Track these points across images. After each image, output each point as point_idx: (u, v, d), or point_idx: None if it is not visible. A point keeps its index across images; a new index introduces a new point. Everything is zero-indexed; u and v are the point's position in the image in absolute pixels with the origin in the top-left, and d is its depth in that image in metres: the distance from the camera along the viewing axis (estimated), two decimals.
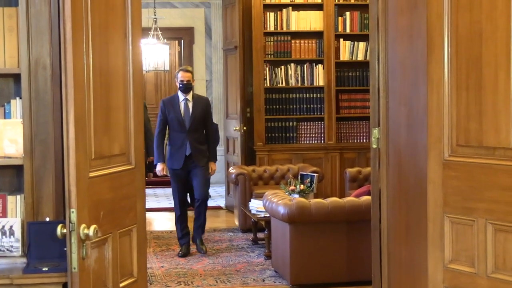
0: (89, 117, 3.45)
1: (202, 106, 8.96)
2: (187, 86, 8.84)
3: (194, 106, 8.88)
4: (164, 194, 14.20)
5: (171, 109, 8.85)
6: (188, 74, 8.88)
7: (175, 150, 8.86)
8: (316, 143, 11.13)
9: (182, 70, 9.02)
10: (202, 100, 9.21)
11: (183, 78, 8.82)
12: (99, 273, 3.56)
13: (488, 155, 3.74)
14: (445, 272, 4.00)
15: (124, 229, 3.81)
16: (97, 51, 3.51)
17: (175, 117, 8.82)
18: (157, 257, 8.84)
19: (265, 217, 8.42)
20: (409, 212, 4.64)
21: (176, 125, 8.84)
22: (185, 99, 8.88)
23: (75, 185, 3.27)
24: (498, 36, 3.64)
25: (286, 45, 10.89)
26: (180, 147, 8.80)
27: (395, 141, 4.86)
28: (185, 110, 8.84)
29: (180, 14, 15.85)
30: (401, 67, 4.79)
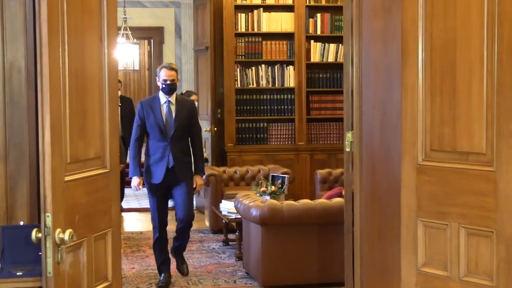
0: (65, 121, 3.43)
1: (187, 110, 7.61)
2: (172, 87, 7.46)
3: (178, 110, 7.49)
4: (133, 194, 14.14)
5: (150, 113, 7.44)
6: (172, 72, 7.52)
7: (155, 162, 7.42)
8: (287, 144, 11.16)
9: (165, 67, 7.57)
10: (187, 102, 7.85)
11: (167, 77, 7.43)
12: (74, 278, 3.55)
13: (461, 160, 3.77)
14: (418, 276, 4.02)
15: (99, 233, 3.79)
16: (73, 55, 3.49)
17: (155, 123, 7.41)
18: (127, 258, 8.80)
19: (236, 219, 8.42)
20: (382, 215, 4.67)
21: (156, 132, 7.44)
22: (167, 101, 7.46)
23: (50, 190, 3.26)
24: (472, 43, 3.67)
25: (257, 46, 10.91)
26: (160, 158, 7.40)
27: (368, 145, 4.88)
28: (168, 115, 7.45)
29: (150, 14, 15.81)
30: (375, 71, 4.82)
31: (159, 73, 7.50)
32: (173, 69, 7.58)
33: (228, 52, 10.72)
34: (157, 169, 7.41)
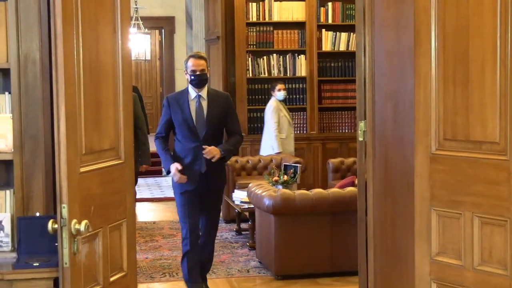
0: (80, 113, 3.45)
1: (221, 105, 6.58)
2: (202, 78, 6.45)
3: (210, 105, 6.52)
4: (145, 184, 14.19)
5: (178, 110, 6.48)
6: (201, 61, 6.50)
7: (186, 167, 6.47)
8: (299, 134, 11.16)
9: (192, 57, 6.59)
10: (221, 96, 6.77)
11: (196, 68, 6.43)
12: (90, 268, 3.57)
13: (475, 149, 3.77)
14: (432, 265, 4.03)
15: (114, 223, 3.82)
16: (87, 46, 3.51)
17: (184, 121, 6.47)
18: (141, 248, 8.83)
19: (249, 208, 8.45)
20: (395, 204, 4.67)
21: (185, 132, 6.50)
22: (197, 96, 6.49)
23: (66, 181, 3.28)
24: (485, 32, 3.66)
25: (269, 35, 10.91)
26: (192, 162, 6.48)
27: (381, 134, 4.89)
28: (198, 112, 6.48)
29: (160, 4, 15.82)
30: (387, 60, 4.82)
31: (186, 64, 6.55)
32: (202, 57, 6.61)
33: (239, 42, 10.73)
34: (189, 174, 6.48)
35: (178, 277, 7.66)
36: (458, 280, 3.89)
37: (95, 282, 3.63)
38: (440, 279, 4.00)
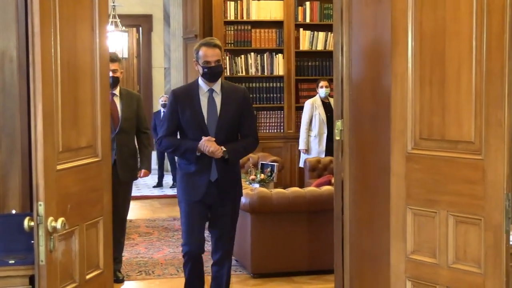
0: (57, 111, 3.44)
1: (237, 101, 5.63)
2: (217, 70, 5.52)
3: (225, 101, 5.58)
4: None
5: (187, 107, 5.53)
6: (216, 50, 5.52)
7: (193, 172, 5.58)
8: (276, 132, 11.19)
9: (205, 45, 5.55)
10: (238, 91, 5.75)
11: (210, 58, 5.47)
12: (66, 266, 3.57)
13: (450, 149, 3.80)
14: (407, 263, 4.06)
15: (90, 221, 3.81)
16: (65, 44, 3.49)
17: (193, 120, 5.53)
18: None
19: None
20: (372, 203, 4.70)
21: (194, 133, 5.53)
22: (210, 90, 5.56)
23: (43, 178, 3.27)
24: (461, 33, 3.69)
25: (246, 34, 10.92)
26: (201, 167, 5.55)
27: (358, 133, 4.91)
28: (210, 109, 5.55)
29: (138, 2, 15.77)
30: (365, 60, 4.84)
31: (198, 53, 5.55)
32: (217, 45, 5.56)
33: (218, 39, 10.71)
34: (196, 182, 5.60)
35: (154, 275, 7.66)
36: (433, 278, 3.92)
37: (71, 280, 3.62)
38: (415, 277, 4.03)
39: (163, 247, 8.92)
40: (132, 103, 7.07)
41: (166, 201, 12.49)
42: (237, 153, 5.70)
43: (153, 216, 11.14)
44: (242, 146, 5.72)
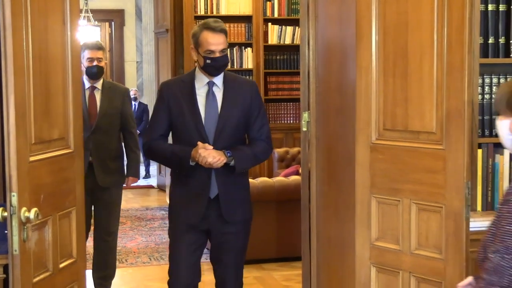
0: (29, 103, 3.41)
1: (243, 97, 4.37)
2: (223, 62, 4.29)
3: (227, 97, 4.32)
4: None
5: (181, 103, 4.28)
6: (222, 38, 4.29)
7: (189, 189, 4.31)
8: None
9: (208, 29, 4.27)
10: (244, 85, 4.49)
11: (214, 47, 4.23)
12: (40, 255, 3.54)
13: (413, 139, 3.82)
14: (372, 250, 4.08)
15: (63, 211, 3.78)
16: (37, 37, 3.46)
17: (189, 121, 4.26)
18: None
19: None
20: (338, 192, 4.71)
21: (188, 137, 4.26)
22: (210, 83, 4.30)
23: (15, 169, 3.25)
24: (423, 27, 3.72)
25: None
26: (198, 183, 4.26)
27: (324, 124, 4.92)
28: (209, 106, 4.28)
29: None
30: (330, 53, 4.85)
31: (198, 39, 4.27)
32: (223, 30, 4.33)
33: (188, 34, 10.63)
34: (191, 202, 4.30)
35: (127, 263, 7.64)
36: (396, 264, 3.95)
37: (45, 269, 3.60)
38: (379, 264, 4.06)
39: (136, 236, 8.91)
40: (115, 99, 6.04)
41: (139, 192, 12.47)
42: (246, 160, 4.34)
43: (126, 206, 11.09)
44: (252, 152, 4.36)
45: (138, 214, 10.42)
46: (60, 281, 3.75)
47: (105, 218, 6.11)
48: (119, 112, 6.06)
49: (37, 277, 3.49)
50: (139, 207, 10.99)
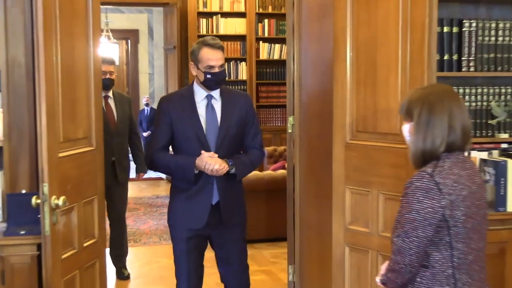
0: (58, 108, 3.41)
1: (239, 108, 4.00)
2: (221, 77, 3.92)
3: (225, 109, 3.95)
4: None
5: (182, 116, 3.89)
6: (220, 54, 3.90)
7: (190, 195, 3.91)
8: None
9: (209, 45, 3.89)
10: (239, 97, 4.09)
11: (214, 62, 3.86)
12: (67, 235, 3.54)
13: (381, 139, 3.82)
14: (346, 232, 4.08)
15: (87, 199, 3.78)
16: (64, 53, 3.46)
17: (190, 131, 3.87)
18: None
19: None
20: (317, 184, 4.72)
21: (190, 147, 3.87)
22: (208, 96, 3.93)
23: (47, 164, 3.24)
24: (389, 45, 3.72)
25: None
26: (199, 189, 3.88)
27: (306, 126, 4.92)
28: (210, 118, 3.90)
29: (127, 19, 15.65)
30: (312, 67, 4.85)
31: (198, 55, 3.88)
32: (221, 47, 3.94)
33: None
34: (194, 207, 3.91)
35: (141, 242, 7.62)
36: (366, 244, 3.96)
37: (72, 247, 3.60)
38: (352, 244, 4.06)
39: (148, 220, 8.89)
40: (125, 106, 6.08)
41: (150, 183, 12.45)
42: (245, 168, 3.98)
43: (140, 195, 11.08)
44: (249, 160, 4.01)
45: (150, 201, 10.40)
46: (84, 257, 3.75)
47: (121, 208, 6.19)
48: (128, 117, 6.10)
49: (64, 254, 3.50)
50: (150, 196, 10.96)
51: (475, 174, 2.57)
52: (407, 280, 2.51)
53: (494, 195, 3.80)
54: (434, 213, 2.41)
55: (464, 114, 2.54)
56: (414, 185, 2.48)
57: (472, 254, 2.53)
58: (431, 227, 2.42)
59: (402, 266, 2.47)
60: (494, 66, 3.95)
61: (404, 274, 2.49)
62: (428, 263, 2.48)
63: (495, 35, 3.94)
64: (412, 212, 2.44)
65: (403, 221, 2.47)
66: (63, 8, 3.44)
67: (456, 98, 2.56)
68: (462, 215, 2.45)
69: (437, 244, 2.46)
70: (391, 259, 2.53)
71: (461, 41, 3.89)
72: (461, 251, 2.48)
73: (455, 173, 2.48)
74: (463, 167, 2.52)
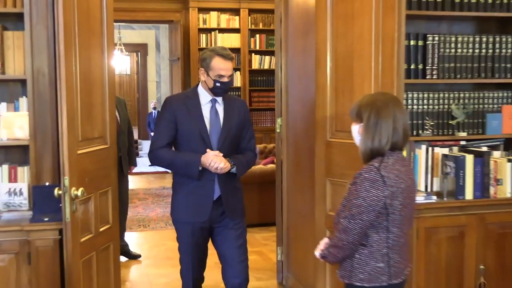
0: (77, 111, 3.39)
1: (238, 113, 3.75)
2: (229, 86, 3.65)
3: (227, 112, 3.71)
4: None
5: (187, 116, 3.63)
6: (230, 64, 3.66)
7: (193, 190, 3.66)
8: None
9: (221, 56, 3.64)
10: (237, 101, 3.84)
11: (225, 72, 3.61)
12: (85, 222, 3.53)
13: None
14: (326, 218, 4.09)
15: (102, 190, 3.76)
16: (82, 63, 3.44)
17: (194, 131, 3.62)
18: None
19: None
20: (302, 176, 4.72)
21: (193, 146, 3.62)
22: (213, 100, 3.69)
23: (67, 160, 3.22)
24: (364, 56, 3.72)
25: None
26: (202, 184, 3.63)
27: (292, 127, 4.92)
28: (213, 119, 3.67)
29: (137, 34, 15.63)
30: (297, 76, 4.85)
31: (210, 63, 3.62)
32: (232, 58, 3.71)
33: (193, 61, 10.62)
34: (197, 202, 3.66)
35: (149, 228, 7.60)
36: None
37: (89, 232, 3.58)
38: (332, 228, 4.02)
39: (155, 208, 8.86)
40: (123, 107, 6.02)
41: (158, 176, 12.42)
42: (243, 168, 3.74)
43: (149, 186, 11.05)
44: (246, 160, 3.79)
45: (157, 192, 10.37)
46: (100, 241, 3.73)
47: (126, 195, 6.19)
48: (127, 117, 6.11)
49: (83, 238, 3.48)
50: (157, 187, 10.93)
51: (410, 171, 2.66)
52: (346, 256, 2.60)
53: (454, 185, 3.81)
54: (378, 201, 2.49)
55: (405, 118, 2.63)
56: (363, 176, 2.54)
57: (403, 238, 2.62)
58: (374, 212, 2.50)
59: (345, 243, 2.55)
60: (454, 74, 3.96)
61: (346, 250, 2.57)
62: (367, 242, 2.57)
63: (454, 47, 3.95)
64: (359, 199, 2.50)
65: (350, 205, 2.53)
66: (81, 24, 3.42)
67: (399, 105, 2.63)
68: (399, 205, 2.54)
69: (376, 227, 2.55)
70: (336, 236, 2.59)
71: (426, 52, 3.89)
72: (395, 235, 2.57)
73: (397, 168, 2.56)
74: (402, 164, 2.60)
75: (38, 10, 3.54)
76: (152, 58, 15.92)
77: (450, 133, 3.99)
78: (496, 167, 3.87)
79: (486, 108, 4.06)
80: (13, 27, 3.67)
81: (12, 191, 3.62)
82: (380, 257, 2.57)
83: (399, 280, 2.61)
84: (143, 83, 16.30)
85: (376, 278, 2.56)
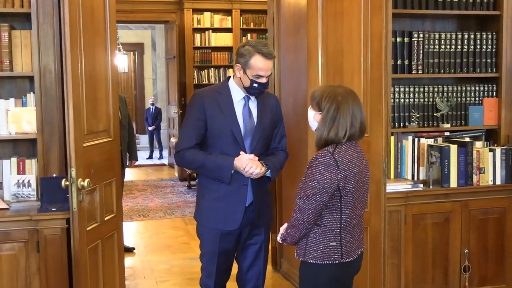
0: (83, 106, 3.37)
1: (271, 110, 3.28)
2: (267, 86, 3.19)
3: (261, 110, 3.21)
4: None
5: (218, 114, 3.12)
6: (270, 64, 3.11)
7: (224, 196, 3.13)
8: None
9: (263, 54, 3.06)
10: (270, 98, 3.33)
11: (265, 72, 3.09)
12: (91, 211, 3.51)
13: None
14: None
15: (107, 181, 3.74)
16: (87, 61, 3.42)
17: (226, 130, 3.11)
18: (123, 198, 8.70)
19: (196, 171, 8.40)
20: (294, 166, 4.72)
21: (225, 147, 3.11)
22: (246, 97, 3.18)
23: (74, 152, 3.20)
24: (353, 52, 3.71)
25: (208, 55, 10.78)
26: (232, 191, 3.12)
27: (285, 118, 4.89)
28: (247, 118, 3.16)
29: (134, 34, 15.55)
30: (289, 72, 4.85)
31: (249, 60, 3.08)
32: (274, 57, 3.17)
33: (188, 60, 10.60)
34: (227, 209, 3.14)
35: (149, 217, 7.59)
36: None
37: (95, 221, 3.57)
38: None
39: (154, 199, 8.85)
40: (123, 104, 5.88)
41: (156, 168, 12.40)
42: (277, 170, 3.26)
43: (147, 178, 11.03)
44: (279, 162, 3.28)
45: (156, 183, 10.35)
46: (105, 229, 3.72)
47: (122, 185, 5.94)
48: (127, 113, 6.02)
49: (89, 227, 3.47)
50: (156, 179, 10.91)
51: (363, 157, 2.69)
52: (302, 236, 2.62)
53: (439, 174, 3.82)
54: (331, 184, 2.52)
55: (362, 113, 2.65)
56: (318, 160, 2.55)
57: (356, 219, 2.66)
58: (327, 194, 2.53)
59: (301, 222, 2.57)
60: (438, 69, 3.97)
61: (301, 229, 2.59)
62: (321, 222, 2.60)
63: (438, 44, 3.95)
64: (314, 181, 2.53)
65: (305, 187, 2.56)
66: (85, 24, 3.40)
67: (357, 101, 2.65)
68: (352, 188, 2.57)
69: (330, 208, 2.58)
70: (292, 217, 2.62)
71: (411, 49, 3.90)
72: (348, 216, 2.61)
73: (350, 154, 2.59)
74: (355, 150, 2.64)
75: (44, 10, 3.50)
76: (148, 56, 15.84)
77: (435, 124, 4.00)
78: (479, 157, 3.89)
79: (468, 101, 4.08)
80: (20, 27, 3.63)
81: (20, 183, 3.60)
82: (333, 236, 2.59)
83: (351, 259, 2.64)
84: (140, 81, 16.23)
85: (329, 256, 2.60)
